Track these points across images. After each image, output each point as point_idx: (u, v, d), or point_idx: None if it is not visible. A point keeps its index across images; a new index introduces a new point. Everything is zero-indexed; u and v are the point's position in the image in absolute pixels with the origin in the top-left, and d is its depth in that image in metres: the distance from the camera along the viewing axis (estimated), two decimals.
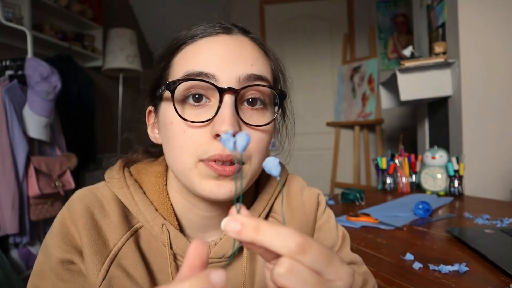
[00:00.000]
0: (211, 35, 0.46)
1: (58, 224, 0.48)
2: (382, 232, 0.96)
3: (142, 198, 0.49)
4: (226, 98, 0.42)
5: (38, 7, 2.32)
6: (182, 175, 0.45)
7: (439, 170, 1.51)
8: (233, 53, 0.44)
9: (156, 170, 0.53)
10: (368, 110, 2.99)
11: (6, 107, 1.75)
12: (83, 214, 0.47)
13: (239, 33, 0.48)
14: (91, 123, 2.73)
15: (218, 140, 0.41)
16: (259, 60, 0.46)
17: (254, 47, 0.48)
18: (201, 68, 0.43)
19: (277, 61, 0.52)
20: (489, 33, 1.62)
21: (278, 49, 3.39)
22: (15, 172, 1.75)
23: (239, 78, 0.43)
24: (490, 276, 0.65)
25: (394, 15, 3.20)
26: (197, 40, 0.46)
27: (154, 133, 0.52)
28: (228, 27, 0.47)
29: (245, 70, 0.44)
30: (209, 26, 0.47)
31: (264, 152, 0.47)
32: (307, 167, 3.35)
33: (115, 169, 0.52)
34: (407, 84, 1.77)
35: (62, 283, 0.46)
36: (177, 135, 0.44)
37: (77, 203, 0.49)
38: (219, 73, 0.43)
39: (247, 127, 0.44)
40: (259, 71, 0.45)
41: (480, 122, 1.62)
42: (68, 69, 2.46)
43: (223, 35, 0.46)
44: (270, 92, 0.46)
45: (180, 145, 0.44)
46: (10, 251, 1.83)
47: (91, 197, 0.50)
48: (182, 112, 0.43)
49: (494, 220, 1.01)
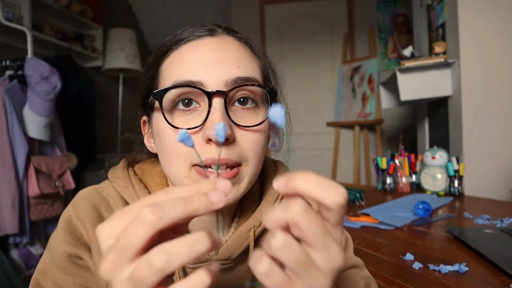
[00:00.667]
0: (195, 39, 0.46)
1: (64, 221, 0.48)
2: (382, 232, 0.96)
3: None
4: (215, 101, 0.42)
5: (38, 7, 2.32)
6: (177, 182, 0.45)
7: (439, 170, 1.51)
8: (219, 56, 0.44)
9: (159, 170, 0.53)
10: (368, 110, 2.99)
11: (6, 107, 1.75)
12: (90, 211, 0.47)
13: (224, 33, 0.47)
14: (91, 123, 2.73)
15: (210, 144, 0.42)
16: (245, 61, 0.46)
17: (240, 46, 0.47)
18: (188, 77, 0.43)
19: (266, 58, 0.51)
20: (489, 33, 1.62)
21: (278, 49, 3.40)
22: (15, 172, 1.75)
23: (226, 82, 0.43)
24: (490, 276, 0.65)
25: (394, 15, 3.20)
26: (182, 45, 0.46)
27: (150, 142, 0.52)
28: (212, 29, 0.47)
29: (231, 73, 0.43)
30: (193, 30, 0.46)
31: (261, 153, 0.46)
32: (307, 167, 3.35)
33: (119, 168, 0.52)
34: (407, 84, 1.77)
35: (69, 277, 0.46)
36: (169, 143, 0.44)
37: (83, 201, 0.49)
38: (206, 79, 0.43)
39: (239, 128, 0.43)
40: (246, 72, 0.45)
41: (480, 122, 1.62)
42: (68, 69, 2.46)
43: (208, 37, 0.46)
44: (261, 91, 0.46)
45: (173, 152, 0.43)
46: (10, 251, 1.83)
47: (97, 196, 0.50)
48: (172, 119, 0.43)
49: (494, 220, 1.01)
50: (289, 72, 3.43)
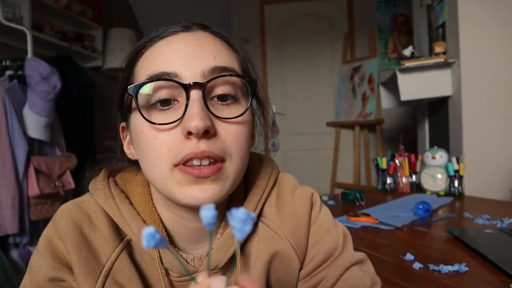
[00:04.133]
0: (170, 34, 0.44)
1: (44, 242, 0.45)
2: (382, 232, 0.96)
3: (128, 209, 0.46)
4: (193, 94, 0.40)
5: (38, 7, 2.32)
6: (161, 185, 0.42)
7: (439, 170, 1.51)
8: (194, 48, 0.42)
9: (141, 179, 0.50)
10: (368, 110, 2.99)
11: (6, 107, 1.75)
12: (70, 230, 0.44)
13: (199, 29, 0.46)
14: (91, 123, 2.73)
15: (190, 139, 0.39)
16: (222, 52, 0.44)
17: (216, 39, 0.45)
18: (162, 69, 0.41)
19: (244, 51, 0.49)
20: (489, 33, 1.62)
21: (278, 49, 3.41)
22: (15, 172, 1.75)
23: (203, 72, 0.41)
24: (490, 276, 0.65)
25: (394, 15, 3.21)
26: (156, 42, 0.44)
27: (130, 149, 0.49)
28: (187, 25, 0.45)
29: (208, 63, 0.41)
30: (168, 27, 0.45)
31: (245, 147, 0.44)
32: (307, 167, 3.35)
33: (99, 180, 0.49)
34: (407, 84, 1.77)
35: None
36: (148, 144, 0.41)
37: (63, 219, 0.46)
38: (181, 70, 0.40)
39: (220, 121, 0.41)
40: (224, 62, 0.43)
41: (480, 122, 1.62)
42: (68, 69, 2.46)
43: (182, 33, 0.44)
44: (241, 82, 0.44)
45: (153, 153, 0.41)
46: (10, 251, 1.83)
47: (77, 211, 0.47)
48: (150, 118, 0.41)
49: (494, 220, 1.01)
50: (289, 72, 3.44)
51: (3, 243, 1.80)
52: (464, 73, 1.63)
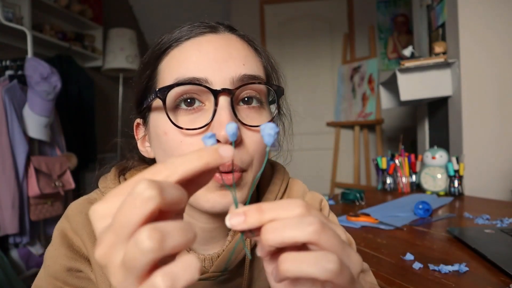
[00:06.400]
0: (197, 35, 0.43)
1: (59, 235, 0.46)
2: (382, 232, 0.96)
3: None
4: (221, 100, 0.40)
5: (38, 7, 2.32)
6: None
7: (439, 170, 1.51)
8: (223, 53, 0.42)
9: None
10: (368, 110, 2.99)
11: (6, 107, 1.75)
12: (86, 224, 0.45)
13: (226, 30, 0.45)
14: (91, 123, 2.73)
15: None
16: (250, 59, 0.44)
17: (244, 44, 0.45)
18: (191, 74, 0.40)
19: (268, 57, 0.49)
20: (489, 33, 1.62)
21: (278, 49, 3.40)
22: (15, 172, 1.75)
23: (232, 79, 0.41)
24: (490, 276, 0.65)
25: (394, 15, 3.20)
26: (182, 42, 0.43)
27: (145, 146, 0.48)
28: (214, 26, 0.45)
29: (237, 70, 0.41)
30: (194, 27, 0.44)
31: (264, 155, 0.45)
32: (307, 167, 3.35)
33: (109, 178, 0.49)
34: (407, 84, 1.77)
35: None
36: (173, 146, 0.41)
37: (77, 214, 0.46)
38: (211, 76, 0.40)
39: (246, 128, 0.41)
40: (252, 70, 0.43)
41: (480, 122, 1.62)
42: (68, 69, 2.47)
43: (210, 34, 0.44)
44: (266, 90, 0.44)
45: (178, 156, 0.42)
46: (10, 251, 1.83)
47: (90, 207, 0.48)
48: (176, 120, 0.40)
49: (494, 220, 1.01)
50: (289, 72, 3.43)
51: (3, 243, 1.81)
52: (464, 73, 1.63)
